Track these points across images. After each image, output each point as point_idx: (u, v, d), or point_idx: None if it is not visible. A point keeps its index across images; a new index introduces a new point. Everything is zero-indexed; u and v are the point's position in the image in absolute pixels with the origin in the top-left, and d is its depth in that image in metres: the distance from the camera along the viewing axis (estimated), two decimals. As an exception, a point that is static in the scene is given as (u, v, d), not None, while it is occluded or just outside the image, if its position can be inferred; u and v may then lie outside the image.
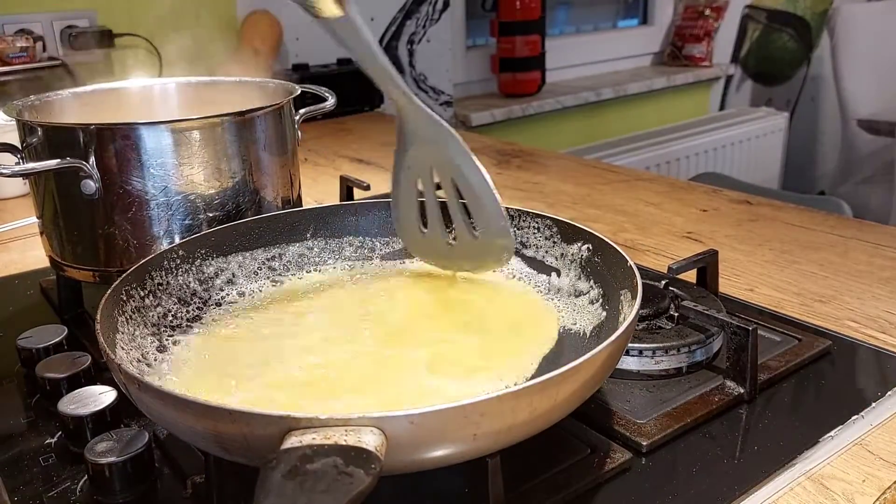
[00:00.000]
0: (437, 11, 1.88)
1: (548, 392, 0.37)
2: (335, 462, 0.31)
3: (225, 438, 0.36)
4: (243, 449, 0.36)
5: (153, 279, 0.54)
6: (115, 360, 0.40)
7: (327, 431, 0.33)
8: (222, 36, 1.54)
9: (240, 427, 0.35)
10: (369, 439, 0.33)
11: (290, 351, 0.51)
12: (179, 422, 0.38)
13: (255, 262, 0.62)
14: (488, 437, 0.37)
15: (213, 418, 0.35)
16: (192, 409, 0.36)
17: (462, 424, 0.35)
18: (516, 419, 0.37)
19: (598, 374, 0.41)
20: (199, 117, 0.61)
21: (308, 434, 0.33)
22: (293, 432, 0.33)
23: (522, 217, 0.62)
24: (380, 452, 0.33)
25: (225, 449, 0.37)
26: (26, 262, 0.85)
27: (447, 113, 1.96)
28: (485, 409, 0.35)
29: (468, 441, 0.36)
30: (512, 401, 0.36)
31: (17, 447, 0.51)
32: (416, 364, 0.49)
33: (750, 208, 0.97)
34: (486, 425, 0.36)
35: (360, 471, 0.31)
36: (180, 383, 0.47)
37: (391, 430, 0.34)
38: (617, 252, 0.53)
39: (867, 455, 0.48)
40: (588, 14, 2.50)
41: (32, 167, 0.59)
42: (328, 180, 1.16)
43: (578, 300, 0.56)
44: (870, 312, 0.67)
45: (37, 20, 1.34)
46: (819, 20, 2.90)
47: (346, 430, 0.33)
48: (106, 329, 0.45)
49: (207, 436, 0.37)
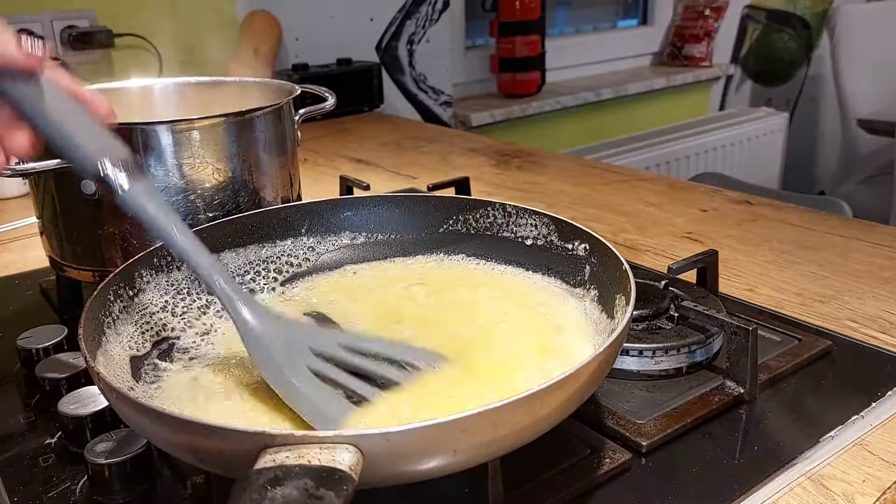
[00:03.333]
0: (436, 12, 1.88)
1: (531, 406, 0.36)
2: (305, 485, 0.31)
3: (201, 452, 0.36)
4: (220, 462, 0.36)
5: (143, 278, 0.53)
6: (95, 368, 0.40)
7: (302, 449, 0.33)
8: (222, 36, 1.54)
9: (215, 442, 0.34)
10: (344, 457, 0.32)
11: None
12: (157, 434, 0.38)
13: (247, 259, 0.61)
14: (469, 451, 0.36)
15: (189, 432, 0.35)
16: (168, 423, 0.36)
17: (441, 441, 0.35)
18: (498, 433, 0.36)
19: (585, 385, 0.40)
20: (199, 117, 0.61)
21: (282, 452, 0.32)
22: (268, 449, 0.33)
23: (520, 214, 0.61)
24: (354, 472, 0.32)
25: (202, 461, 0.37)
26: (26, 262, 0.85)
27: (447, 113, 1.96)
28: (465, 425, 0.34)
29: (448, 456, 0.35)
30: (493, 416, 0.35)
31: (17, 447, 0.51)
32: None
33: (750, 208, 0.97)
34: (466, 441, 0.35)
35: (330, 493, 0.30)
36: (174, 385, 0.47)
37: (367, 448, 0.33)
38: (614, 255, 0.52)
39: (867, 455, 0.48)
40: (588, 14, 2.50)
41: (32, 167, 0.59)
42: (328, 180, 1.16)
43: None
44: (870, 312, 0.67)
45: (37, 20, 1.34)
46: (819, 20, 2.90)
47: (320, 448, 0.33)
48: (89, 333, 0.44)
49: (184, 449, 0.37)
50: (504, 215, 0.61)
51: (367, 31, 1.79)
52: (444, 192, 0.91)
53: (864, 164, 2.51)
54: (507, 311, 0.56)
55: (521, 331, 0.52)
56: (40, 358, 0.58)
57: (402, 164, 1.26)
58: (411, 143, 1.42)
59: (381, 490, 0.43)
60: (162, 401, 0.46)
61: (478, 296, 0.58)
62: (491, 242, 0.62)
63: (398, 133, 1.50)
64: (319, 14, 1.69)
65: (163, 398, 0.46)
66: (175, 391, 0.47)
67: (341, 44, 1.72)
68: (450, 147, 1.38)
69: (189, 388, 0.47)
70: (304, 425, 0.41)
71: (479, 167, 1.23)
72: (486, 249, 0.62)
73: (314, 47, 1.68)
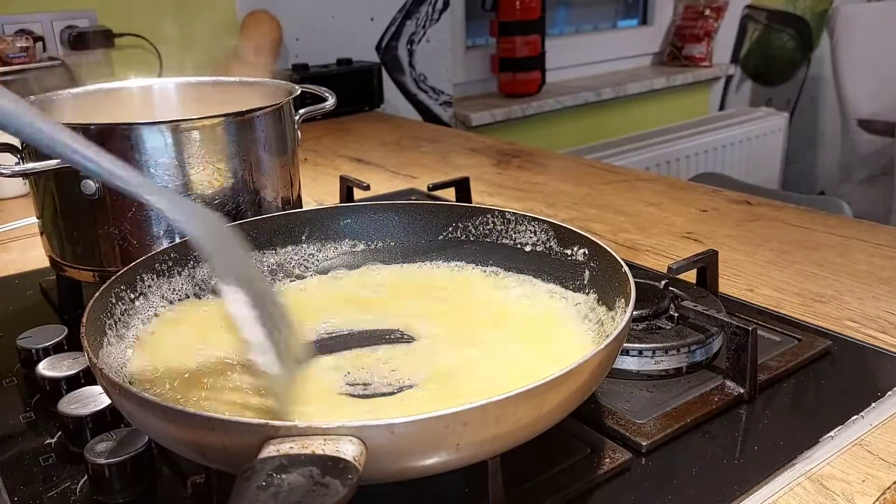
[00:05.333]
0: (436, 11, 1.88)
1: (533, 402, 0.36)
2: (311, 472, 0.31)
3: (204, 446, 0.36)
4: (223, 457, 0.36)
5: (144, 282, 0.53)
6: (98, 365, 0.40)
7: (306, 440, 0.33)
8: (222, 36, 1.54)
9: (218, 435, 0.34)
10: (348, 449, 0.32)
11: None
12: (160, 429, 0.37)
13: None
14: (471, 446, 0.36)
15: (192, 426, 0.35)
16: (170, 416, 0.36)
17: (444, 434, 0.35)
18: (500, 429, 0.36)
19: (586, 383, 0.40)
20: (199, 117, 0.61)
21: (286, 443, 0.33)
22: (272, 441, 0.33)
23: (519, 221, 0.61)
24: (358, 463, 0.32)
25: (205, 456, 0.37)
26: (26, 262, 0.85)
27: (447, 113, 1.96)
28: (467, 418, 0.34)
29: (451, 451, 0.35)
30: (495, 410, 0.35)
31: (17, 447, 0.51)
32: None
33: (750, 208, 0.97)
34: (468, 435, 0.35)
35: (336, 482, 0.31)
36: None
37: (371, 440, 0.33)
38: (613, 259, 0.52)
39: (867, 455, 0.48)
40: (588, 14, 2.50)
41: (32, 167, 0.59)
42: (328, 180, 1.16)
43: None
44: (870, 312, 0.67)
45: (37, 20, 1.34)
46: (819, 20, 2.90)
47: (324, 440, 0.33)
48: (92, 332, 0.44)
49: (187, 443, 0.37)
50: (503, 222, 0.62)
51: (367, 31, 1.79)
52: (444, 193, 0.91)
53: (864, 164, 2.51)
54: (508, 314, 0.56)
55: (521, 333, 0.52)
56: (40, 358, 0.58)
57: (402, 164, 1.26)
58: (411, 143, 1.42)
59: (383, 490, 0.43)
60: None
61: (477, 301, 0.58)
62: (490, 249, 0.62)
63: (398, 133, 1.51)
64: (319, 14, 1.69)
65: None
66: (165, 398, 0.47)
67: (341, 44, 1.72)
68: (450, 147, 1.38)
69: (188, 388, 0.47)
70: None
71: (479, 167, 1.23)
72: (485, 256, 0.62)
73: (314, 47, 1.68)
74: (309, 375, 0.47)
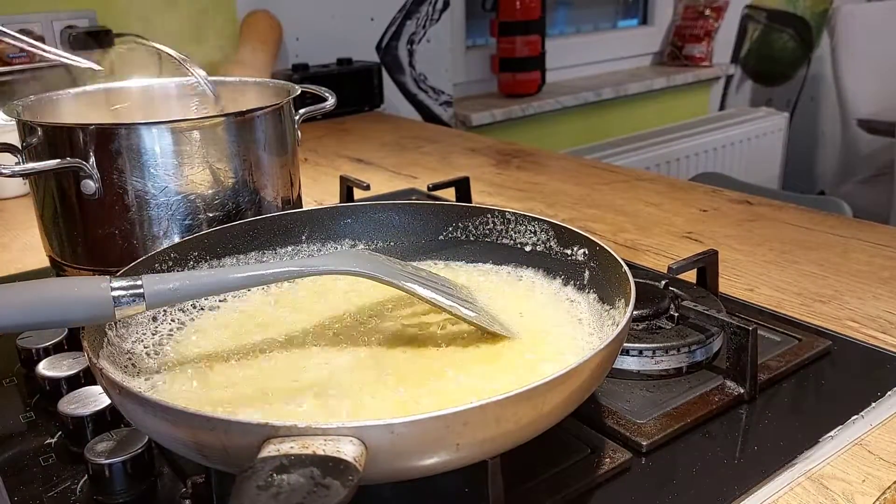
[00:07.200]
0: (436, 11, 1.88)
1: (533, 402, 0.36)
2: (312, 473, 0.31)
3: (204, 446, 0.36)
4: (223, 456, 0.36)
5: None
6: (98, 365, 0.40)
7: (306, 440, 0.33)
8: (222, 36, 1.54)
9: (218, 434, 0.34)
10: (348, 449, 0.32)
11: (284, 362, 0.50)
12: (160, 429, 0.37)
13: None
14: (471, 446, 0.36)
15: (192, 425, 0.35)
16: (170, 416, 0.36)
17: (444, 434, 0.35)
18: (500, 429, 0.36)
19: (586, 383, 0.40)
20: (199, 117, 0.61)
21: (286, 443, 0.32)
22: (272, 440, 0.33)
23: (519, 220, 0.61)
24: (358, 463, 0.32)
25: (205, 456, 0.37)
26: (26, 262, 0.85)
27: (447, 113, 1.96)
28: (467, 418, 0.34)
29: (451, 451, 0.35)
30: (496, 410, 0.35)
31: (17, 447, 0.51)
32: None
33: (750, 208, 0.97)
34: (468, 435, 0.35)
35: (336, 482, 0.30)
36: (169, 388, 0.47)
37: (371, 440, 0.33)
38: (613, 258, 0.52)
39: (867, 455, 0.48)
40: (588, 14, 2.50)
41: (32, 167, 0.59)
42: (328, 180, 1.16)
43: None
44: (870, 312, 0.67)
45: (37, 20, 1.34)
46: (819, 20, 2.90)
47: (324, 440, 0.33)
48: (92, 332, 0.44)
49: (187, 443, 0.37)
50: (503, 222, 0.62)
51: (368, 31, 1.79)
52: (444, 193, 0.91)
53: (864, 164, 2.51)
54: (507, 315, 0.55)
55: (521, 334, 0.52)
56: (40, 358, 0.58)
57: (402, 164, 1.26)
58: (411, 143, 1.42)
59: (383, 491, 0.43)
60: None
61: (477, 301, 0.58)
62: (490, 249, 0.62)
63: (398, 133, 1.51)
64: (319, 14, 1.69)
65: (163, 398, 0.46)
66: (175, 392, 0.47)
67: (341, 43, 1.72)
68: (450, 147, 1.38)
69: (188, 388, 0.47)
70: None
71: (479, 167, 1.23)
72: (485, 256, 0.62)
73: (314, 47, 1.68)
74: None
